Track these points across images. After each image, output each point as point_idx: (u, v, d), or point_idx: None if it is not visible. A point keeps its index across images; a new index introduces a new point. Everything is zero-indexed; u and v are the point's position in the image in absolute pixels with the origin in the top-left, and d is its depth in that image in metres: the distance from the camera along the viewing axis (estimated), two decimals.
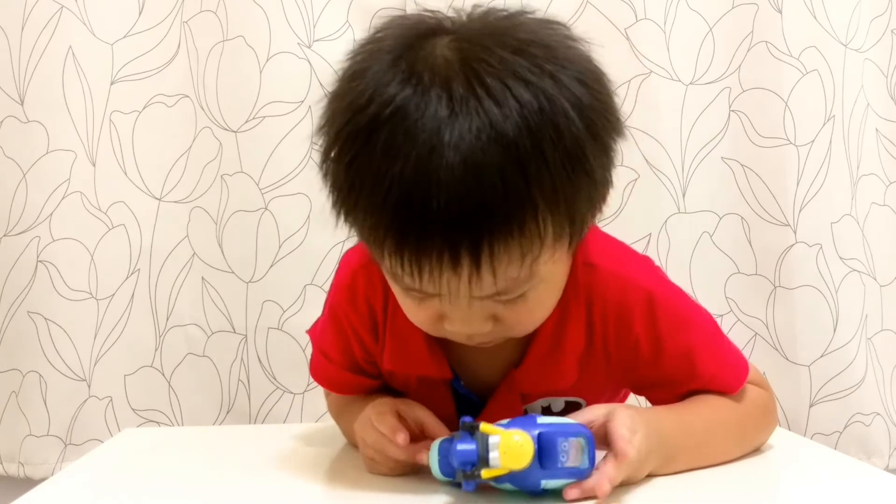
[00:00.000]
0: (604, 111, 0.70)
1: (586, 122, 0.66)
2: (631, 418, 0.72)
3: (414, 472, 0.75)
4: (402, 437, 0.73)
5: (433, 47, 0.66)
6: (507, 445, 0.65)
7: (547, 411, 0.85)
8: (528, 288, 0.69)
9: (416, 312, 0.74)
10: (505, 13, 0.69)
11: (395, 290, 0.74)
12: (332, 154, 0.71)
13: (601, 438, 0.72)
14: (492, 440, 0.65)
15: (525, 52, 0.65)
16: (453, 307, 0.69)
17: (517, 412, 0.82)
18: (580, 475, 0.68)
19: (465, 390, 0.84)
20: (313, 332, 0.93)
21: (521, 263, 0.65)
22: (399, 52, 0.67)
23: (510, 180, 0.62)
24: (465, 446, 0.66)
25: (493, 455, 0.64)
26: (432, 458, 0.72)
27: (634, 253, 0.89)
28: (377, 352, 0.85)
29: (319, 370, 0.92)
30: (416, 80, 0.64)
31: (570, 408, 0.85)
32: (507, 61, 0.64)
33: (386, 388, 0.89)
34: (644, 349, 0.80)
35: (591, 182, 0.68)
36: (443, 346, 0.81)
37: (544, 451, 0.66)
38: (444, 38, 0.67)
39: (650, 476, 0.75)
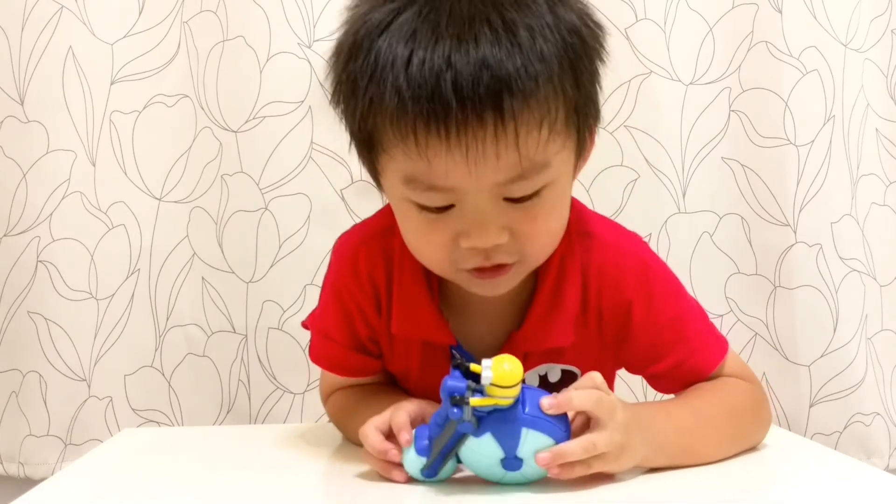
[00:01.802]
0: (592, 19, 0.77)
1: (587, 23, 0.75)
2: (613, 402, 0.73)
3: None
4: (405, 438, 0.73)
5: None
6: (499, 365, 0.67)
7: (544, 380, 0.87)
8: (544, 183, 0.73)
9: (431, 238, 0.75)
10: None
11: (409, 217, 0.76)
12: (348, 64, 0.73)
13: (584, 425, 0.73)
14: (485, 361, 0.67)
15: None
16: (471, 206, 0.72)
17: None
18: (558, 433, 0.69)
19: (468, 355, 0.84)
20: (311, 319, 0.94)
21: (539, 130, 0.70)
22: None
23: (526, 50, 0.69)
24: (456, 380, 0.68)
25: (486, 374, 0.66)
26: (408, 464, 0.73)
27: (626, 229, 0.91)
28: (380, 327, 0.86)
29: (321, 352, 0.92)
30: None
31: (567, 378, 0.87)
32: None
33: (387, 378, 0.91)
34: (636, 313, 0.83)
35: (591, 65, 0.75)
36: (446, 314, 0.84)
37: (528, 398, 0.69)
38: None
39: (647, 473, 0.75)
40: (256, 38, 1.34)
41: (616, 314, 0.84)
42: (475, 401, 0.67)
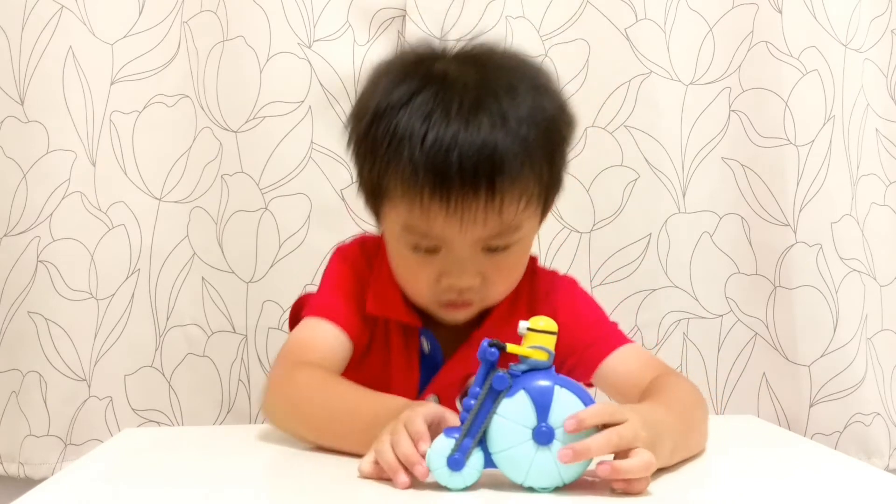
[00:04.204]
0: (568, 112, 0.93)
1: (563, 116, 0.91)
2: (622, 407, 0.77)
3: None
4: (424, 449, 0.72)
5: (440, 62, 0.89)
6: (535, 318, 0.72)
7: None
8: (515, 241, 0.89)
9: (418, 274, 0.91)
10: (480, 43, 0.94)
11: (402, 255, 0.91)
12: (370, 128, 0.87)
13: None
14: (521, 322, 0.72)
15: (511, 58, 0.93)
16: (456, 254, 0.87)
17: (476, 366, 0.85)
18: (587, 398, 0.72)
19: (432, 338, 0.98)
20: (308, 298, 1.04)
21: (518, 202, 0.86)
22: (410, 67, 0.89)
23: (517, 138, 0.84)
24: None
25: (522, 324, 0.72)
26: (434, 454, 0.72)
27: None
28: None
29: (325, 302, 0.97)
30: (434, 73, 0.87)
31: None
32: (503, 66, 0.90)
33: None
34: (562, 317, 0.89)
35: (563, 151, 0.91)
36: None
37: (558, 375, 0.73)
38: (444, 59, 0.90)
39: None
40: (256, 38, 1.34)
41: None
42: (512, 346, 0.71)
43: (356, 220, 1.35)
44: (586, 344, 0.97)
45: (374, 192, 0.90)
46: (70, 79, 1.36)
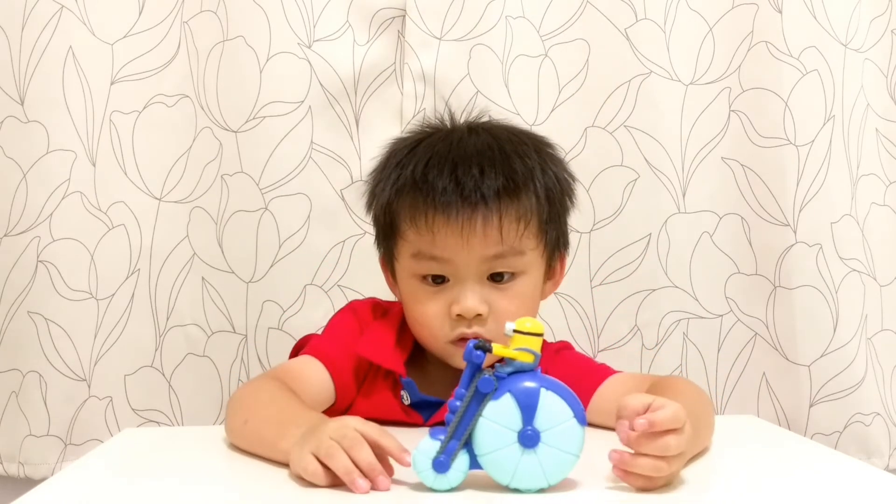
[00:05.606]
0: (568, 169, 1.03)
1: (564, 169, 1.02)
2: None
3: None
4: (407, 457, 0.74)
5: (448, 128, 1.02)
6: (521, 321, 0.72)
7: None
8: (518, 269, 0.96)
9: (430, 309, 0.97)
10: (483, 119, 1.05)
11: (414, 291, 0.98)
12: (383, 171, 1.00)
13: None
14: (507, 323, 0.73)
15: (516, 127, 1.04)
16: (462, 277, 0.95)
17: None
18: (575, 403, 0.72)
19: (416, 391, 1.00)
20: (314, 336, 1.08)
21: (517, 224, 0.94)
22: (421, 128, 1.04)
23: (518, 171, 0.95)
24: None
25: (508, 325, 0.72)
26: (420, 455, 0.72)
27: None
28: None
29: (323, 346, 1.03)
30: (442, 128, 1.02)
31: None
32: (509, 128, 1.02)
33: None
34: (572, 375, 0.95)
35: (563, 197, 1.01)
36: (410, 373, 1.01)
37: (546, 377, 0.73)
38: (452, 126, 1.03)
39: None
40: (256, 38, 1.34)
41: None
42: (498, 348, 0.71)
43: (356, 221, 1.35)
44: (578, 378, 0.97)
45: (387, 230, 1.00)
46: (70, 79, 1.36)
